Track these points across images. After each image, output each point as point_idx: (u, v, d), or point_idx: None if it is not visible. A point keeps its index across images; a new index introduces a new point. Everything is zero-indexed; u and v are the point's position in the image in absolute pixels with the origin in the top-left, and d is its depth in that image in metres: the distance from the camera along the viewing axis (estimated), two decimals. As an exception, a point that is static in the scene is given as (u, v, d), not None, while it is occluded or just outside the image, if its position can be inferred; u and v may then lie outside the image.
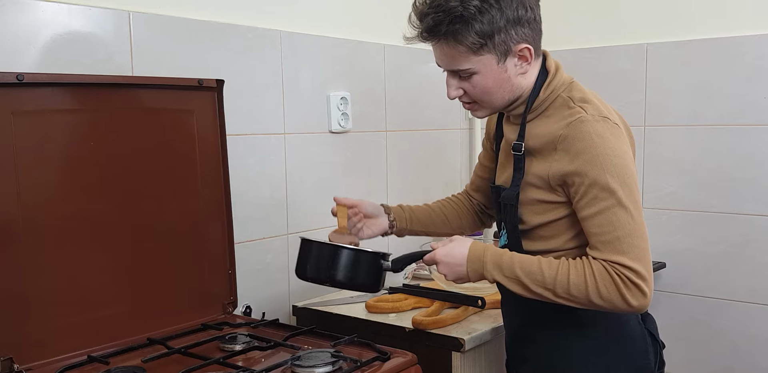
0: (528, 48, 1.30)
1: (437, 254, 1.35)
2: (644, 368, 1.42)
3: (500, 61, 1.30)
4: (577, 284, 1.24)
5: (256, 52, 1.86)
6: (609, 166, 1.24)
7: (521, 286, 1.28)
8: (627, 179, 1.25)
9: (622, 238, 1.23)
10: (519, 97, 1.37)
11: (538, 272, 1.27)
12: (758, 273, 2.23)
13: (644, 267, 1.23)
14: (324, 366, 1.35)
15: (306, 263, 1.44)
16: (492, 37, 1.27)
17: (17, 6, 1.40)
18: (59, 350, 1.40)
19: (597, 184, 1.25)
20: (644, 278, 1.23)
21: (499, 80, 1.33)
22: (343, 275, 1.39)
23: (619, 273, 1.22)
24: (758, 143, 2.20)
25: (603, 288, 1.23)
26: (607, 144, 1.26)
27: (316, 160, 2.06)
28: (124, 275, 1.50)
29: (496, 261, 1.30)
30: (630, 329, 1.40)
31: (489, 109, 1.41)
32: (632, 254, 1.23)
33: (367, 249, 1.42)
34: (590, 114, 1.28)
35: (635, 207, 1.25)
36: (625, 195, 1.24)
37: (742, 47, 2.20)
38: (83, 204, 1.43)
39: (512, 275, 1.29)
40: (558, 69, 1.38)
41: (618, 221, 1.24)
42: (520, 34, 1.29)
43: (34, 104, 1.35)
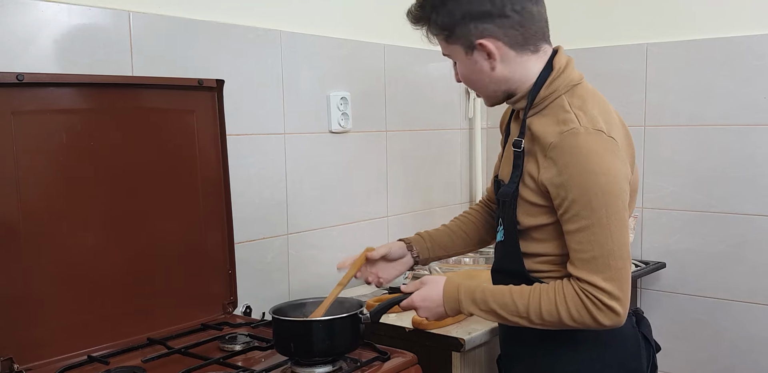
0: (484, 43, 1.29)
1: (414, 300, 1.38)
2: (636, 370, 1.41)
3: (468, 53, 1.33)
4: (549, 310, 1.26)
5: (256, 52, 1.86)
6: (593, 185, 1.23)
7: (497, 317, 1.31)
8: (610, 198, 1.23)
9: (599, 257, 1.23)
10: (515, 91, 1.35)
11: (510, 303, 1.29)
12: (758, 273, 2.23)
13: (618, 287, 1.23)
14: (324, 366, 1.35)
15: (289, 341, 1.37)
16: (452, 29, 1.31)
17: (17, 6, 1.40)
18: (59, 350, 1.40)
19: (579, 202, 1.23)
20: (617, 298, 1.23)
21: (473, 71, 1.35)
22: (328, 345, 1.35)
23: (590, 295, 1.24)
24: (758, 143, 2.20)
25: (575, 312, 1.25)
26: (595, 160, 1.23)
27: (316, 160, 2.06)
28: (124, 275, 1.50)
29: (471, 297, 1.33)
30: (622, 331, 1.37)
31: (484, 97, 1.42)
32: (607, 274, 1.23)
33: (342, 315, 1.37)
34: (583, 126, 1.25)
35: (617, 226, 1.24)
36: (607, 214, 1.23)
37: (742, 47, 2.20)
38: (83, 204, 1.43)
39: (487, 308, 1.31)
40: (566, 67, 1.34)
41: (596, 241, 1.23)
42: (480, 29, 1.29)
43: (34, 104, 1.35)
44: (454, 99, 2.63)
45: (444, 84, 2.57)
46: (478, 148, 2.69)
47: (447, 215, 2.59)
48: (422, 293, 1.38)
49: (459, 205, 2.68)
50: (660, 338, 1.58)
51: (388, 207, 2.34)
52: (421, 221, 2.48)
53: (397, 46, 2.33)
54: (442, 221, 2.54)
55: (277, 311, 1.41)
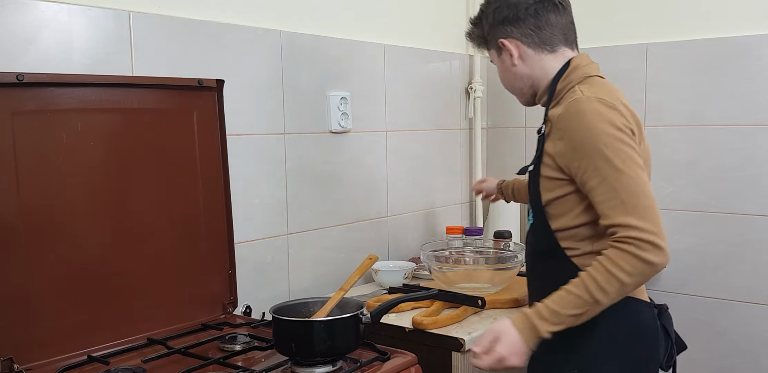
0: (504, 42, 1.52)
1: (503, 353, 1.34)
2: (653, 359, 1.46)
3: (498, 55, 1.57)
4: (606, 279, 1.29)
5: (256, 52, 1.86)
6: (600, 136, 1.33)
7: (574, 318, 1.32)
8: (619, 145, 1.33)
9: (626, 201, 1.30)
10: (538, 87, 1.54)
11: (573, 299, 1.32)
12: (758, 273, 2.23)
13: (652, 223, 1.29)
14: (324, 366, 1.35)
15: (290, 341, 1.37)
16: (486, 37, 1.57)
17: (17, 6, 1.40)
18: (59, 350, 1.40)
19: (592, 157, 1.33)
20: (655, 233, 1.28)
21: (502, 70, 1.58)
22: (329, 345, 1.35)
23: (628, 240, 1.28)
24: (758, 143, 2.20)
25: (625, 264, 1.28)
26: (595, 117, 1.34)
27: (316, 160, 2.06)
28: (124, 275, 1.50)
29: (540, 317, 1.33)
30: (643, 318, 1.45)
31: (517, 96, 1.62)
32: (638, 214, 1.29)
33: (343, 315, 1.38)
34: (585, 96, 1.39)
35: (633, 169, 1.32)
36: (620, 161, 1.31)
37: (742, 47, 2.20)
38: (83, 204, 1.43)
39: (559, 320, 1.32)
40: (584, 66, 1.49)
41: (619, 186, 1.31)
42: (503, 32, 1.52)
43: (34, 104, 1.35)
44: (454, 99, 2.63)
45: (444, 84, 2.57)
46: (478, 149, 2.69)
47: (447, 215, 2.60)
48: (504, 344, 1.34)
49: (459, 205, 2.68)
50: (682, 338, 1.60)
51: (388, 207, 2.34)
52: (421, 221, 2.48)
53: (397, 46, 2.33)
54: (442, 221, 2.56)
55: (277, 311, 1.41)
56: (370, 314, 1.40)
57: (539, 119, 1.45)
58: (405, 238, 2.41)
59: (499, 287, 1.94)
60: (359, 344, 1.41)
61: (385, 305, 1.45)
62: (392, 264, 2.19)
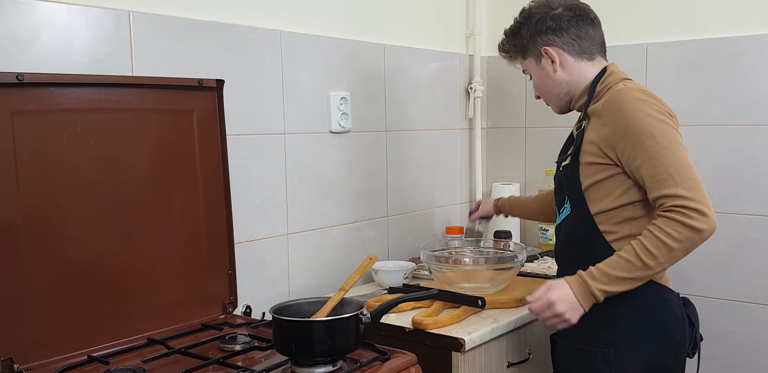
0: (547, 49, 1.62)
1: (551, 298, 1.47)
2: (679, 345, 1.58)
3: (537, 62, 1.67)
4: (655, 245, 1.40)
5: (256, 52, 1.86)
6: (643, 117, 1.45)
7: (623, 281, 1.44)
8: (662, 125, 1.45)
9: (674, 173, 1.41)
10: (575, 92, 1.64)
11: (623, 261, 1.43)
12: (758, 273, 2.23)
13: (698, 193, 1.40)
14: (324, 366, 1.35)
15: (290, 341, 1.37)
16: (525, 46, 1.67)
17: (17, 6, 1.40)
18: (59, 350, 1.40)
19: (637, 137, 1.45)
20: (702, 202, 1.40)
21: (541, 77, 1.68)
22: (329, 345, 1.35)
23: (676, 209, 1.39)
24: (758, 143, 2.20)
25: (673, 231, 1.39)
26: (637, 102, 1.47)
27: (316, 160, 2.06)
28: (124, 275, 1.50)
29: (592, 277, 1.45)
30: (671, 306, 1.57)
31: (552, 103, 1.71)
32: (686, 184, 1.41)
33: (343, 315, 1.38)
34: (628, 87, 1.52)
35: (677, 147, 1.44)
36: (666, 137, 1.44)
37: (742, 47, 2.20)
38: (83, 204, 1.43)
39: (609, 280, 1.44)
40: (618, 72, 1.62)
41: (667, 161, 1.42)
42: (545, 40, 1.63)
43: (34, 104, 1.35)
44: (454, 99, 2.63)
45: (444, 84, 2.57)
46: (478, 149, 2.69)
47: (447, 215, 2.60)
48: (555, 292, 1.48)
49: (459, 205, 2.68)
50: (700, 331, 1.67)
51: (388, 207, 2.34)
52: (421, 221, 2.48)
53: (397, 46, 2.33)
54: (442, 222, 2.56)
55: (277, 311, 1.41)
56: (370, 314, 1.40)
57: (539, 119, 1.49)
58: (405, 238, 2.41)
59: (499, 287, 1.94)
60: (359, 344, 1.41)
61: (385, 305, 1.45)
62: (392, 264, 2.19)
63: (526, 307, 1.56)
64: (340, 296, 1.47)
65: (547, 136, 2.60)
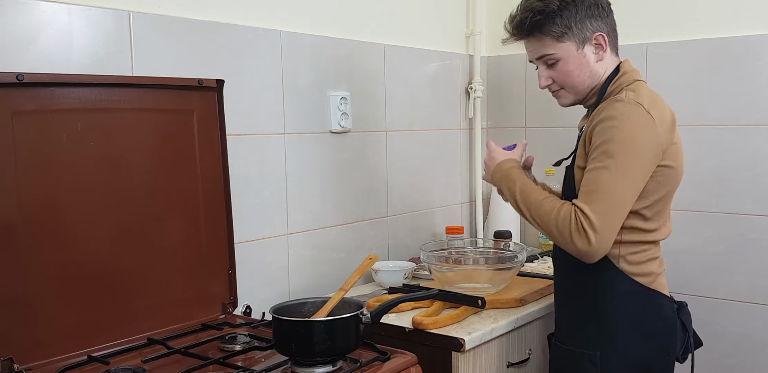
0: (602, 35, 1.55)
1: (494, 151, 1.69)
2: (667, 349, 1.58)
3: (579, 48, 1.56)
4: (547, 212, 1.47)
5: (256, 52, 1.86)
6: (615, 136, 1.43)
7: (512, 198, 1.56)
8: (626, 152, 1.43)
9: (596, 192, 1.43)
10: (594, 87, 1.59)
11: (528, 193, 1.53)
12: (758, 273, 2.23)
13: (600, 220, 1.41)
14: (324, 366, 1.35)
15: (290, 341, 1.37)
16: (570, 27, 1.54)
17: (17, 6, 1.40)
18: (59, 350, 1.40)
19: (599, 148, 1.44)
20: (594, 228, 1.41)
21: (579, 64, 1.57)
22: (329, 345, 1.35)
23: (576, 217, 1.43)
24: (758, 143, 2.20)
25: (561, 223, 1.44)
26: (627, 120, 1.44)
27: (316, 160, 2.06)
28: (123, 275, 1.50)
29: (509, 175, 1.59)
30: (663, 311, 1.57)
31: (573, 94, 1.62)
32: (595, 206, 1.42)
33: (343, 315, 1.38)
34: (627, 97, 1.48)
35: (623, 177, 1.43)
36: (617, 164, 1.42)
37: (742, 47, 2.20)
38: (83, 204, 1.43)
39: (511, 186, 1.57)
40: (631, 71, 1.58)
41: (601, 180, 1.43)
42: (595, 26, 1.55)
43: (34, 104, 1.35)
44: (454, 99, 2.63)
45: (444, 84, 2.57)
46: (478, 149, 2.69)
47: (447, 215, 2.60)
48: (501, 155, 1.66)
49: (459, 205, 2.68)
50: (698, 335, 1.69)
51: (388, 207, 2.34)
52: (421, 221, 2.48)
53: (397, 46, 2.33)
54: (441, 222, 2.56)
55: (277, 311, 1.41)
56: (370, 314, 1.40)
57: (539, 119, 1.49)
58: (405, 238, 2.41)
59: (499, 287, 1.94)
60: (359, 344, 1.41)
61: (385, 305, 1.45)
62: (392, 264, 2.19)
63: None
64: (340, 296, 1.47)
65: (547, 136, 2.59)
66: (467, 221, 2.73)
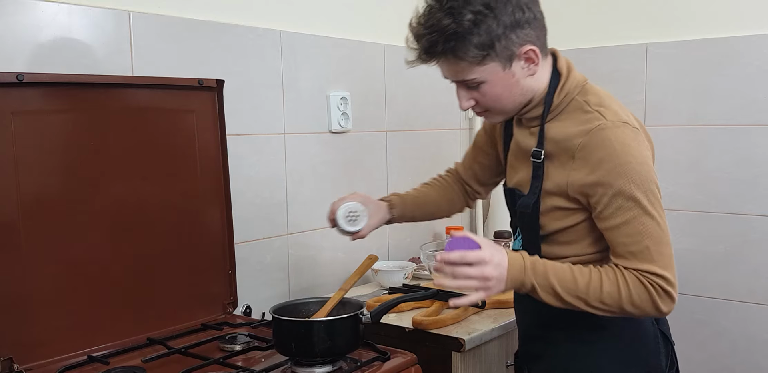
0: (533, 49, 1.27)
1: (485, 255, 1.23)
2: (656, 367, 1.42)
3: (506, 67, 1.28)
4: (611, 293, 1.23)
5: (256, 52, 1.86)
6: (632, 175, 1.23)
7: (554, 295, 1.25)
8: (650, 186, 1.25)
9: (651, 247, 1.24)
10: (531, 100, 1.34)
11: (570, 280, 1.24)
12: (758, 273, 2.23)
13: (672, 274, 1.25)
14: (324, 366, 1.35)
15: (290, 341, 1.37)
16: (493, 46, 1.24)
17: (17, 6, 1.40)
18: (59, 350, 1.40)
19: (621, 195, 1.23)
20: (673, 284, 1.25)
21: (508, 85, 1.30)
22: (329, 345, 1.35)
23: (651, 282, 1.23)
24: (758, 143, 2.20)
25: (636, 296, 1.23)
26: (629, 151, 1.24)
27: (316, 160, 2.06)
28: (124, 275, 1.50)
29: (533, 266, 1.26)
30: (644, 329, 1.40)
31: (502, 115, 1.39)
32: (661, 262, 1.24)
33: (343, 315, 1.38)
34: (610, 120, 1.26)
35: (659, 214, 1.25)
36: (649, 203, 1.24)
37: (742, 47, 2.20)
38: (83, 204, 1.43)
39: (546, 283, 1.24)
40: (570, 70, 1.35)
41: (645, 231, 1.24)
42: (522, 37, 1.25)
43: (34, 104, 1.35)
44: (454, 99, 2.61)
45: (444, 84, 2.55)
46: (478, 148, 2.69)
47: (447, 215, 2.60)
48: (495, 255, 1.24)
49: (459, 205, 2.68)
50: None
51: (388, 207, 2.33)
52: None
53: (397, 46, 2.32)
54: (441, 222, 2.55)
55: (277, 311, 1.41)
56: (370, 314, 1.40)
57: None
58: (405, 238, 2.41)
59: (499, 287, 1.94)
60: (359, 344, 1.41)
61: (385, 305, 1.45)
62: (392, 264, 2.19)
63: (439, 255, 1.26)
64: (340, 296, 1.47)
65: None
66: (467, 221, 2.73)
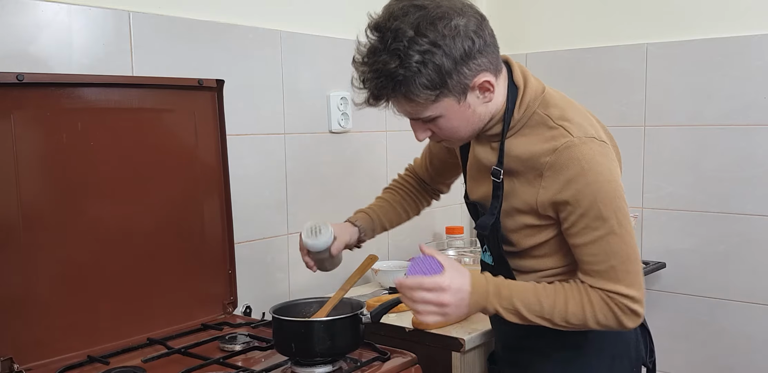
0: (487, 80, 1.21)
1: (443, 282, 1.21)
2: (637, 359, 1.45)
3: (461, 100, 1.22)
4: (575, 313, 1.24)
5: (256, 52, 1.86)
6: (600, 195, 1.21)
7: (519, 317, 1.25)
8: (618, 203, 1.23)
9: (617, 266, 1.22)
10: (491, 119, 1.30)
11: (535, 302, 1.24)
12: (758, 273, 2.23)
13: (638, 291, 1.24)
14: (324, 366, 1.35)
15: (290, 341, 1.37)
16: (445, 84, 1.18)
17: (17, 6, 1.40)
18: (59, 350, 1.40)
19: (589, 214, 1.22)
20: (639, 301, 1.24)
21: (464, 117, 1.26)
22: (329, 345, 1.35)
23: (617, 302, 1.23)
24: (758, 143, 2.20)
25: (601, 316, 1.24)
26: (597, 168, 1.22)
27: (316, 160, 2.06)
28: (124, 275, 1.50)
29: (497, 291, 1.25)
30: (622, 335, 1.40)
31: (461, 141, 1.35)
32: (627, 280, 1.23)
33: (343, 315, 1.37)
34: (576, 136, 1.23)
35: (627, 231, 1.23)
36: (617, 222, 1.22)
37: (742, 47, 2.20)
38: (83, 204, 1.44)
39: (510, 307, 1.25)
40: (527, 81, 1.29)
41: (611, 250, 1.22)
42: (474, 68, 1.19)
43: (34, 104, 1.35)
44: (454, 99, 2.62)
45: (444, 84, 2.56)
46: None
47: (447, 215, 2.60)
48: (455, 280, 1.23)
49: (459, 205, 2.67)
50: (660, 337, 1.59)
51: (388, 207, 2.34)
52: (420, 221, 2.48)
53: (397, 46, 2.32)
54: (441, 222, 2.55)
55: (277, 311, 1.41)
56: (370, 314, 1.40)
57: None
58: (405, 238, 2.41)
59: (499, 287, 1.94)
60: (359, 344, 1.41)
61: (385, 305, 1.45)
62: (392, 264, 2.19)
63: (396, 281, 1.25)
64: (340, 296, 1.47)
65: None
66: (467, 221, 2.73)
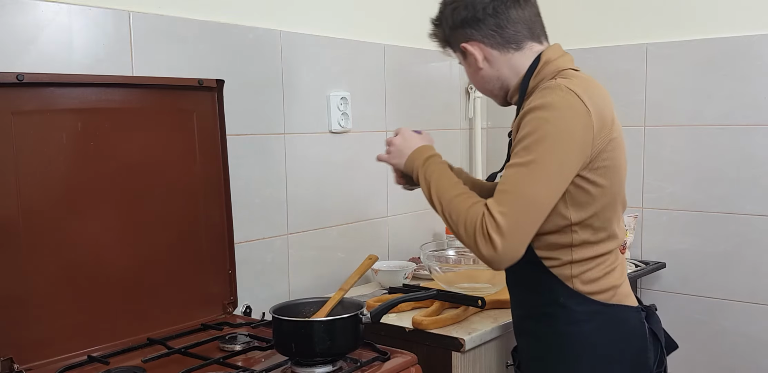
0: (465, 46, 1.43)
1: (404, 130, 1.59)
2: (641, 365, 1.42)
3: (464, 58, 1.48)
4: (457, 211, 1.31)
5: (256, 52, 1.86)
6: (541, 131, 1.27)
7: (427, 190, 1.40)
8: (549, 149, 1.26)
9: (508, 192, 1.26)
10: (509, 86, 1.46)
11: (445, 187, 1.37)
12: (758, 273, 2.23)
13: (509, 223, 1.23)
14: (324, 366, 1.35)
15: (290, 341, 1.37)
16: (449, 41, 1.49)
17: (17, 6, 1.40)
18: (59, 350, 1.40)
19: (521, 142, 1.28)
20: (501, 233, 1.23)
21: (470, 72, 1.51)
22: (329, 345, 1.35)
23: (483, 220, 1.25)
24: (758, 143, 2.20)
25: (468, 224, 1.27)
26: (552, 111, 1.28)
27: (316, 160, 2.06)
28: (124, 275, 1.50)
29: (429, 163, 1.44)
30: (629, 325, 1.41)
31: (490, 97, 1.55)
32: (506, 207, 1.24)
33: (343, 315, 1.38)
34: (558, 82, 1.32)
35: (545, 173, 1.26)
36: (536, 161, 1.25)
37: (742, 47, 2.20)
38: (83, 204, 1.43)
39: (426, 178, 1.41)
40: (556, 59, 1.41)
41: (516, 180, 1.27)
42: (464, 35, 1.43)
43: (34, 104, 1.35)
44: (454, 99, 2.63)
45: (444, 84, 2.57)
46: (478, 148, 2.69)
47: (447, 215, 2.59)
48: (415, 136, 1.57)
49: (459, 205, 2.68)
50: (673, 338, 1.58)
51: (388, 207, 2.34)
52: (420, 221, 2.48)
53: (397, 46, 2.33)
54: (441, 222, 2.53)
55: (277, 311, 1.41)
56: (370, 314, 1.40)
57: None
58: (405, 238, 2.41)
59: (499, 287, 1.94)
60: (359, 344, 1.41)
61: (385, 305, 1.45)
62: (392, 264, 2.19)
63: None
64: (340, 296, 1.47)
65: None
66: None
